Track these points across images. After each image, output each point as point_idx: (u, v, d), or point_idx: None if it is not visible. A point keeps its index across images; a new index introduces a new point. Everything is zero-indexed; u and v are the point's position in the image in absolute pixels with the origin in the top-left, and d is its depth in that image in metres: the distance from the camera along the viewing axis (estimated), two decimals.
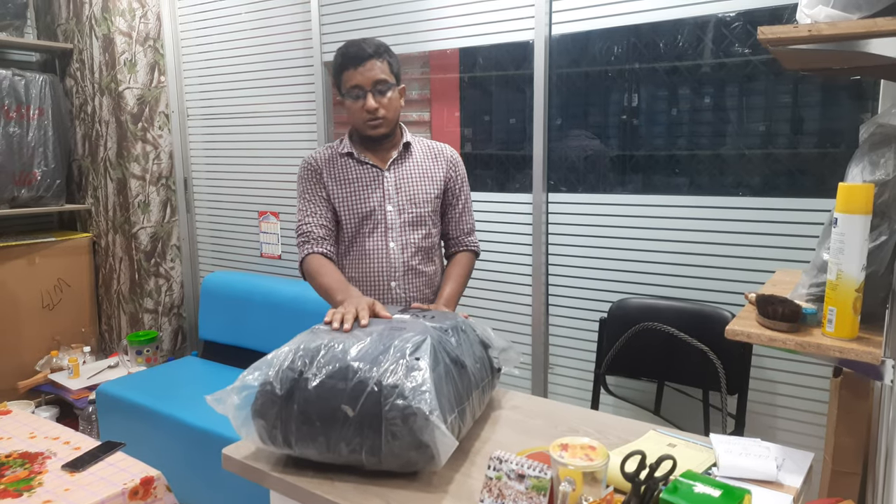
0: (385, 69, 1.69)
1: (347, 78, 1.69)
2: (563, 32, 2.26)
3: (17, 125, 3.26)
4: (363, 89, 1.68)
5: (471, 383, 1.27)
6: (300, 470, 1.19)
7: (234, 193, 3.33)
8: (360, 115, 1.71)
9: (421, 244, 1.78)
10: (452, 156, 1.87)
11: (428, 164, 1.82)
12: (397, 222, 1.75)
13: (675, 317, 1.99)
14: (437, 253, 1.86)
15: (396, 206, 1.75)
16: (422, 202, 1.77)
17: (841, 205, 1.07)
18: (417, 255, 1.77)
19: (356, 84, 1.68)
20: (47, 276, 3.39)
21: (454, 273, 1.82)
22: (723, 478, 1.10)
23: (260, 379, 1.18)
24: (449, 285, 1.79)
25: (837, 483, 1.51)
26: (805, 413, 1.96)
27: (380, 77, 1.68)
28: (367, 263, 1.75)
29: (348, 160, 1.78)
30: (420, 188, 1.78)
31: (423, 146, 1.85)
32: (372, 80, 1.67)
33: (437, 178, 1.81)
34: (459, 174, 1.87)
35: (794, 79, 1.93)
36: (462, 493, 1.12)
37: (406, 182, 1.77)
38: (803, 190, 1.95)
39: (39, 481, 1.65)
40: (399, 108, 1.77)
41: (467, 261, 1.87)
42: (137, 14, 3.29)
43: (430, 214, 1.79)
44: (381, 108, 1.69)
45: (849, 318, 1.08)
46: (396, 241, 1.75)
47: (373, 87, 1.68)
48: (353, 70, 1.68)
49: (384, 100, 1.69)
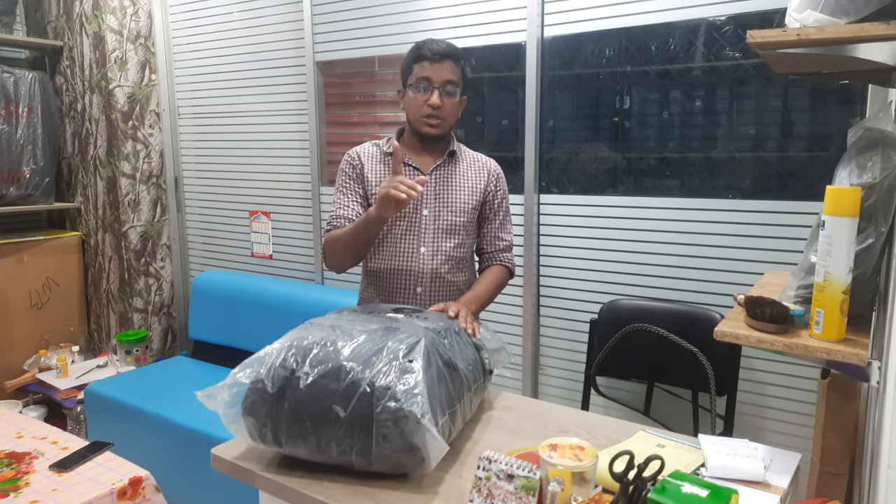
0: (457, 73, 1.70)
1: (419, 70, 1.69)
2: (555, 34, 2.26)
3: (6, 122, 3.24)
4: (432, 84, 1.68)
5: (462, 385, 1.27)
6: (290, 470, 1.19)
7: (224, 193, 3.32)
8: (419, 109, 1.70)
9: (452, 253, 1.76)
10: (496, 170, 1.85)
11: (470, 174, 1.81)
12: (431, 228, 1.74)
13: (664, 318, 2.01)
14: (468, 265, 1.84)
15: (433, 212, 1.74)
16: (458, 211, 1.76)
17: (828, 208, 1.08)
18: (447, 263, 1.75)
19: (426, 77, 1.68)
20: (36, 274, 3.36)
21: (484, 281, 1.78)
22: (711, 478, 1.10)
23: (251, 376, 1.18)
24: (476, 288, 1.75)
25: (824, 484, 1.53)
26: (793, 414, 1.98)
27: (451, 78, 1.68)
28: (396, 263, 1.73)
29: (392, 159, 1.77)
30: (458, 196, 1.77)
31: (468, 157, 1.84)
32: (444, 78, 1.68)
33: (477, 190, 1.80)
34: (501, 189, 1.85)
35: (783, 83, 1.94)
36: (452, 494, 1.12)
37: (445, 189, 1.76)
38: (792, 193, 1.96)
39: (26, 481, 1.64)
40: (457, 116, 1.76)
41: (500, 274, 1.83)
42: (129, 12, 3.28)
43: (464, 224, 1.77)
44: (444, 109, 1.69)
45: (836, 320, 1.09)
46: (428, 247, 1.73)
47: (442, 86, 1.68)
48: (429, 63, 1.68)
49: (449, 101, 1.69)
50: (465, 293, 1.75)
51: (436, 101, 1.67)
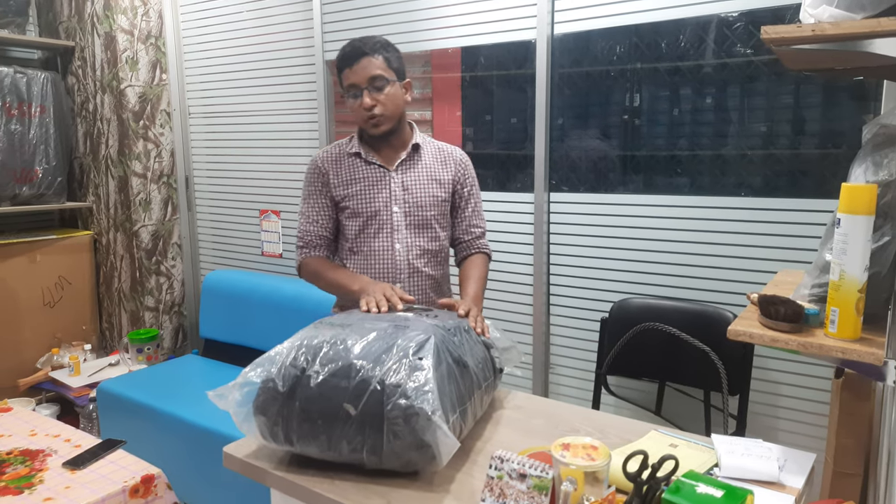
0: (381, 65, 1.68)
1: (345, 78, 1.69)
2: (565, 32, 2.25)
3: (19, 122, 3.26)
4: (359, 87, 1.67)
5: (473, 383, 1.27)
6: (301, 468, 1.19)
7: (235, 192, 3.33)
8: (359, 115, 1.70)
9: (427, 246, 1.77)
10: (462, 158, 1.85)
11: (437, 166, 1.80)
12: (403, 224, 1.74)
13: (676, 317, 1.99)
14: (444, 256, 1.84)
15: (403, 208, 1.74)
16: (429, 205, 1.76)
17: (844, 205, 1.07)
18: (423, 257, 1.76)
19: (352, 83, 1.68)
20: (48, 273, 3.39)
21: (474, 274, 1.79)
22: (725, 478, 1.09)
23: (262, 375, 1.18)
24: (472, 285, 1.75)
25: (839, 484, 1.51)
26: (807, 414, 1.96)
27: (374, 73, 1.66)
28: (372, 264, 1.74)
29: (356, 160, 1.77)
30: (427, 190, 1.77)
31: (432, 148, 1.83)
32: (366, 77, 1.66)
33: (445, 181, 1.80)
34: (468, 177, 1.85)
35: (796, 79, 1.92)
36: (463, 493, 1.12)
37: (413, 184, 1.76)
38: (805, 190, 1.94)
39: (40, 479, 1.65)
40: (402, 104, 1.74)
41: (483, 262, 1.84)
42: (139, 12, 3.29)
43: (437, 217, 1.78)
44: (378, 105, 1.67)
45: (851, 319, 1.08)
46: (402, 243, 1.73)
47: (368, 84, 1.67)
48: (349, 69, 1.67)
49: (381, 96, 1.68)
50: (466, 290, 1.74)
51: (367, 101, 1.66)
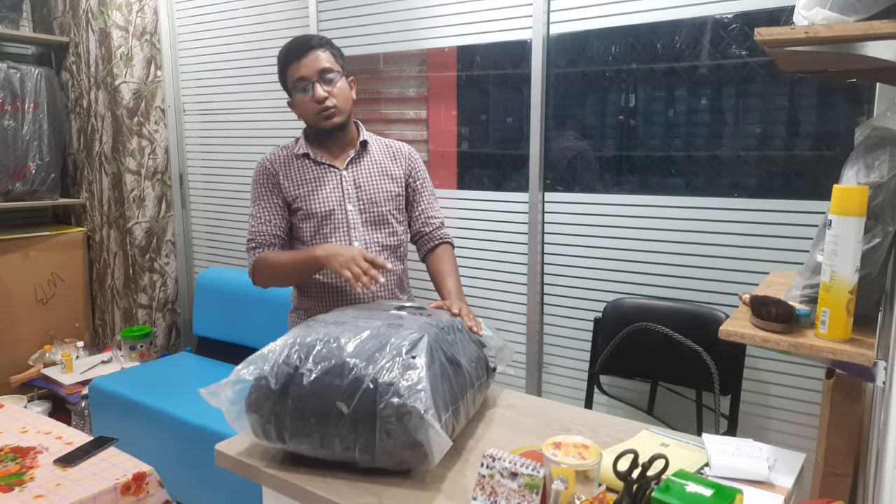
0: (329, 59, 1.68)
1: (292, 72, 1.68)
2: (560, 32, 2.26)
3: (12, 118, 3.25)
4: (309, 80, 1.66)
5: (466, 382, 1.27)
6: (293, 466, 1.19)
7: (229, 189, 3.32)
8: (310, 108, 1.68)
9: (386, 242, 1.76)
10: (410, 153, 1.86)
11: (387, 162, 1.80)
12: (359, 221, 1.73)
13: (669, 317, 2.00)
14: (403, 251, 1.84)
15: (357, 206, 1.73)
16: (383, 200, 1.76)
17: (835, 207, 1.07)
18: (383, 253, 1.75)
19: (301, 76, 1.67)
20: (41, 270, 3.37)
21: (447, 268, 1.78)
22: (715, 477, 1.10)
23: (255, 373, 1.18)
24: (449, 281, 1.75)
25: (829, 484, 1.52)
26: (797, 414, 1.97)
27: (325, 66, 1.67)
28: None
29: (304, 161, 1.75)
30: (380, 186, 1.77)
31: (380, 145, 1.83)
32: (316, 70, 1.66)
33: (397, 176, 1.80)
34: (419, 169, 1.85)
35: (790, 81, 1.93)
36: (455, 491, 1.12)
37: (365, 181, 1.75)
38: (798, 192, 1.95)
39: (31, 476, 1.64)
40: (350, 99, 1.74)
41: (450, 253, 1.84)
42: (134, 8, 3.28)
43: (392, 212, 1.77)
44: (332, 97, 1.67)
45: (842, 320, 1.09)
46: (360, 241, 1.73)
47: (319, 77, 1.66)
48: (297, 63, 1.66)
49: (333, 88, 1.67)
50: (446, 286, 1.73)
51: (319, 93, 1.66)
